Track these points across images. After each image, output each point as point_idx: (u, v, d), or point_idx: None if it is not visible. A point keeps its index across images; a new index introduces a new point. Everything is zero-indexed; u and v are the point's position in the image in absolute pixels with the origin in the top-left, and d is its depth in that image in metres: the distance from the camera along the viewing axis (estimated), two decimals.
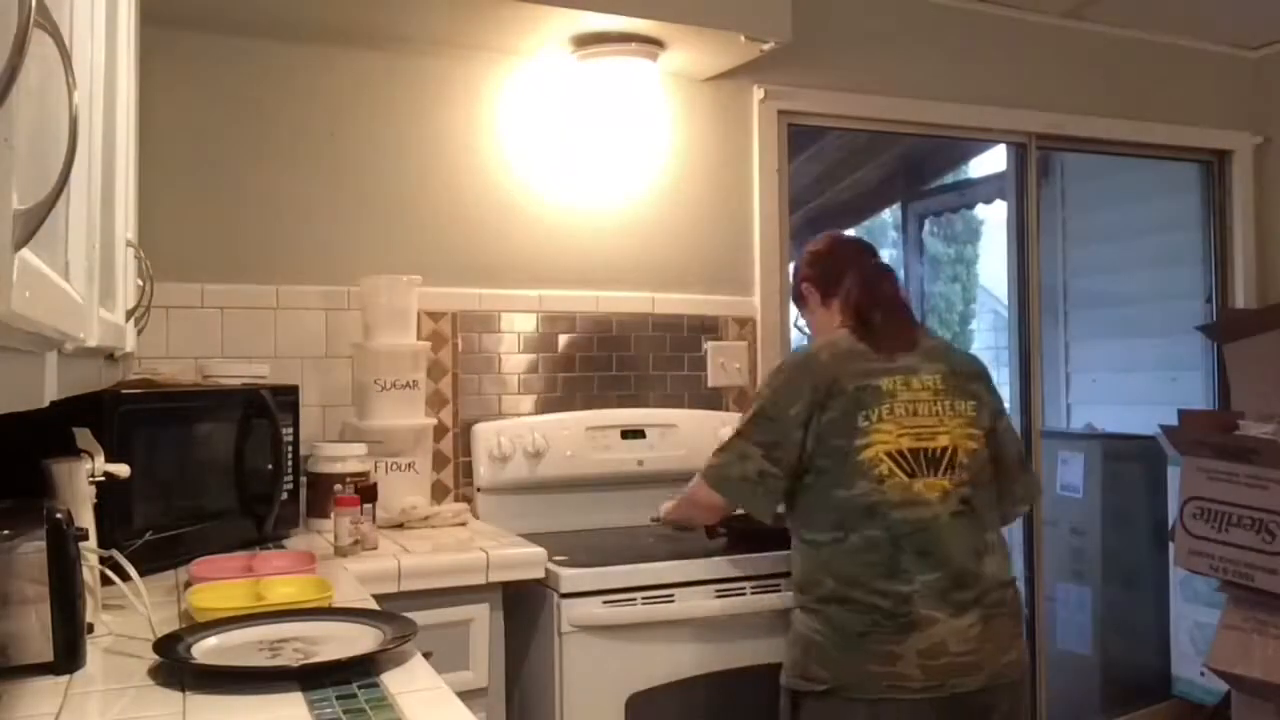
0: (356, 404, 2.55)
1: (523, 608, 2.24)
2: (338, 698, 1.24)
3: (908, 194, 5.46)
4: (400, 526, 2.44)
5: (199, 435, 2.09)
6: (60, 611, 1.30)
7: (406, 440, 2.55)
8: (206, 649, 1.40)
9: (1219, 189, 3.89)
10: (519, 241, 2.81)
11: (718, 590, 2.24)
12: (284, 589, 1.68)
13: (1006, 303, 3.88)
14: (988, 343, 6.92)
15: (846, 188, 5.07)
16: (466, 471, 2.70)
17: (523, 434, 2.66)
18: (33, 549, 1.29)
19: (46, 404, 0.72)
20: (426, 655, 1.45)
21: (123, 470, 1.63)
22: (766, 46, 2.70)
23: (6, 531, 1.29)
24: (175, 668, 1.33)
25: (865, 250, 2.28)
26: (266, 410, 2.16)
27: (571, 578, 2.13)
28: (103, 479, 1.58)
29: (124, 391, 1.88)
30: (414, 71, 2.71)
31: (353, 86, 2.65)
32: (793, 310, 2.42)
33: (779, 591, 2.26)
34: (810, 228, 5.44)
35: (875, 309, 2.10)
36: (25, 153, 0.51)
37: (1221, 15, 3.55)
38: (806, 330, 2.33)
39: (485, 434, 2.66)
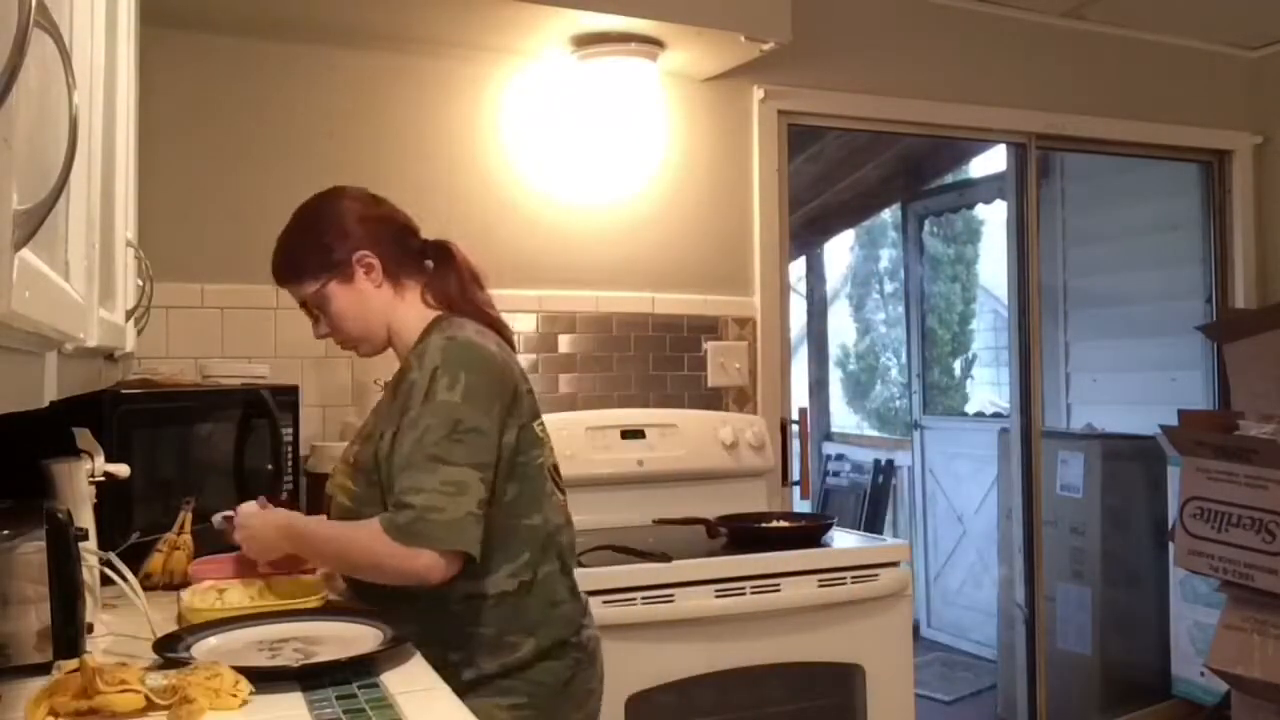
0: (356, 404, 2.55)
1: None
2: (338, 698, 1.24)
3: (908, 194, 5.47)
4: None
5: (199, 435, 2.09)
6: (60, 611, 1.29)
7: None
8: (206, 649, 1.40)
9: (1219, 189, 3.89)
10: (519, 241, 2.81)
11: (718, 590, 2.24)
12: (283, 589, 1.68)
13: (1006, 303, 3.88)
14: (988, 342, 6.93)
15: (846, 188, 5.07)
16: None
17: None
18: (33, 549, 1.29)
19: (46, 404, 0.72)
20: None
21: (123, 470, 1.63)
22: (766, 46, 2.70)
23: (6, 531, 1.29)
24: (175, 668, 1.33)
25: (398, 211, 1.78)
26: (266, 410, 2.16)
27: None
28: (103, 479, 1.58)
29: (124, 391, 1.88)
30: (414, 71, 2.71)
31: (353, 86, 2.65)
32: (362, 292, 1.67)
33: (779, 591, 2.26)
34: (810, 228, 5.45)
35: (479, 290, 1.72)
36: (25, 153, 0.51)
37: (1221, 15, 3.55)
38: (322, 312, 1.68)
39: None
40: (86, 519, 1.51)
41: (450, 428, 1.48)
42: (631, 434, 2.78)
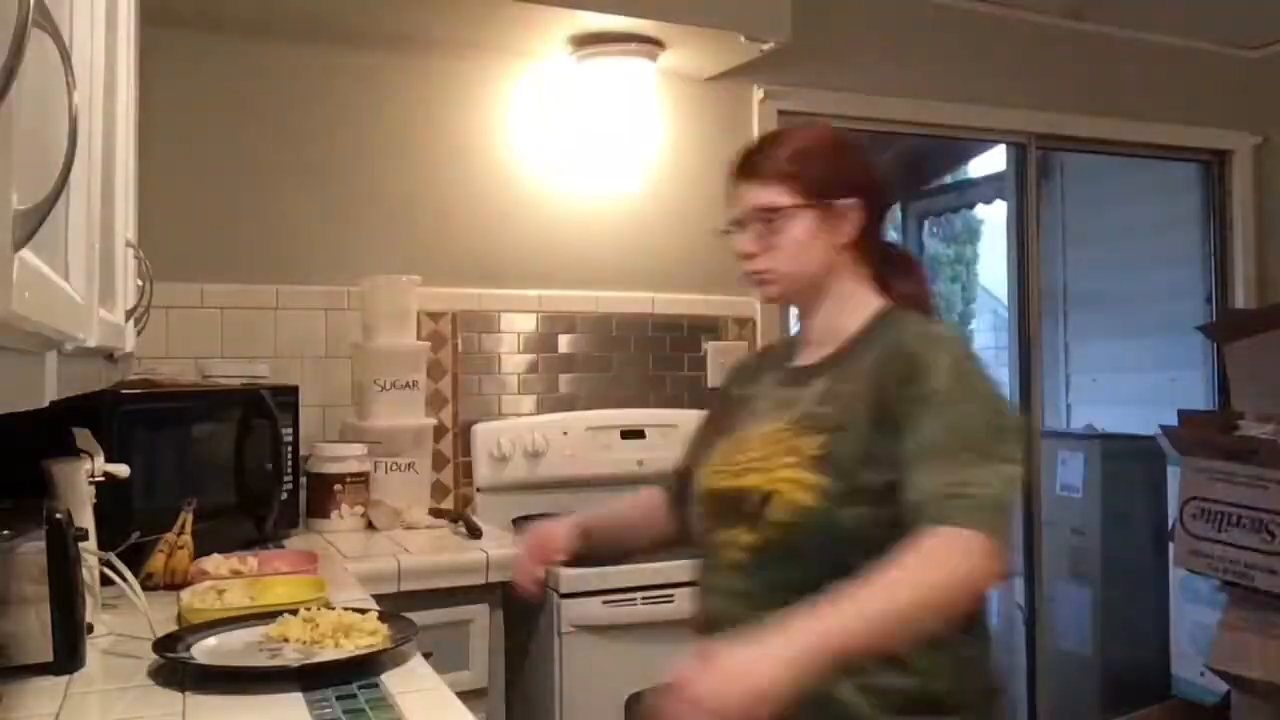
0: (356, 404, 2.55)
1: (523, 608, 2.24)
2: (338, 698, 1.24)
3: (908, 194, 5.46)
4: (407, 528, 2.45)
5: (199, 435, 2.09)
6: (60, 611, 1.30)
7: (406, 440, 2.55)
8: (206, 649, 1.40)
9: (1219, 189, 3.89)
10: (519, 241, 2.81)
11: None
12: (282, 589, 1.68)
13: (1006, 303, 3.88)
14: (988, 343, 6.92)
15: None
16: (466, 471, 2.69)
17: (523, 434, 2.66)
18: (33, 549, 1.29)
19: (46, 404, 0.72)
20: (426, 655, 1.45)
21: (123, 470, 1.63)
22: (766, 46, 2.70)
23: (6, 531, 1.30)
24: (175, 668, 1.33)
25: None
26: (266, 410, 2.16)
27: (571, 578, 2.13)
28: (103, 479, 1.58)
29: (124, 391, 1.88)
30: (414, 72, 2.71)
31: (353, 86, 2.65)
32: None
33: None
34: None
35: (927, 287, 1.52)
36: (25, 153, 0.51)
37: (1221, 15, 3.55)
38: (772, 228, 1.36)
39: (485, 434, 2.66)
40: (86, 519, 1.51)
41: (992, 418, 1.25)
42: (631, 434, 2.78)
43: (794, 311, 1.54)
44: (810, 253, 1.36)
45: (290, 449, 2.28)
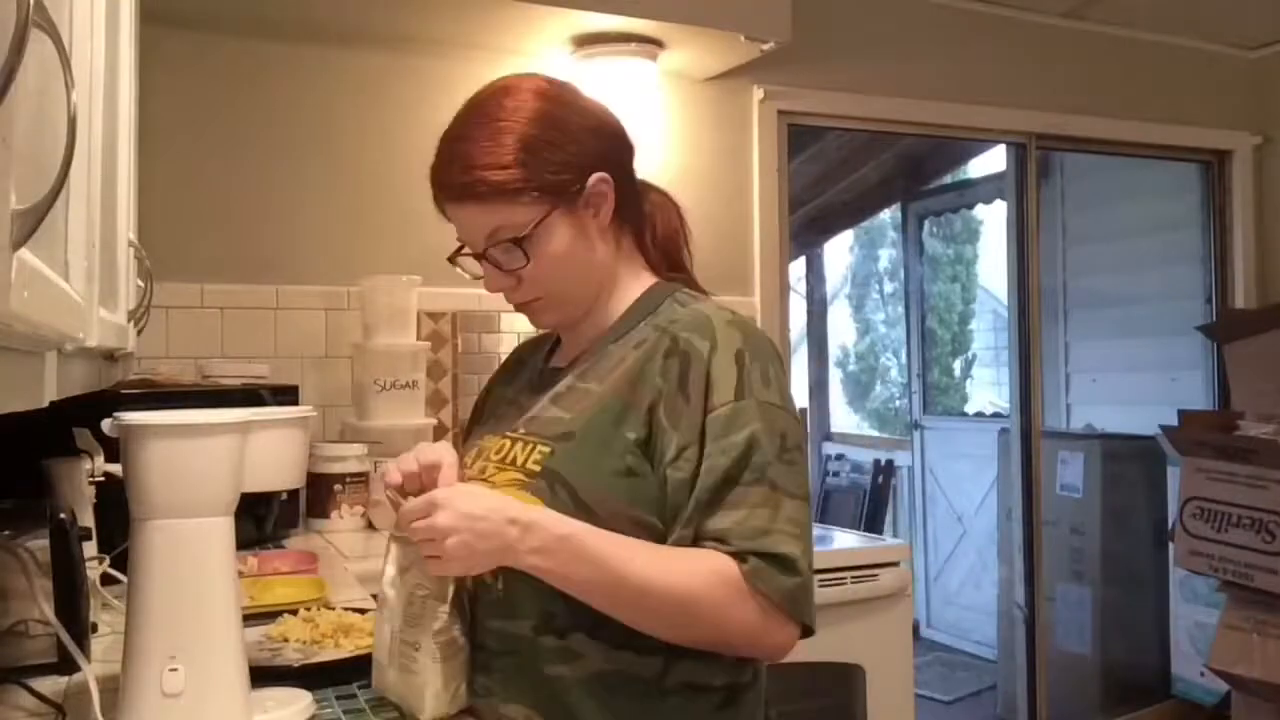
0: (356, 404, 2.55)
1: None
2: (338, 698, 1.23)
3: (908, 194, 5.47)
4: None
5: None
6: (64, 611, 1.30)
7: (406, 440, 2.55)
8: None
9: (1219, 189, 3.89)
10: None
11: None
12: (282, 589, 1.68)
13: (1006, 303, 3.88)
14: (988, 343, 6.93)
15: (846, 188, 5.07)
16: None
17: None
18: (36, 549, 1.29)
19: (46, 404, 0.72)
20: None
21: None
22: (766, 46, 2.70)
23: (9, 531, 1.30)
24: None
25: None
26: None
27: None
28: (103, 479, 1.58)
29: (124, 391, 1.87)
30: (414, 71, 2.71)
31: (353, 86, 2.65)
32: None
33: None
34: (810, 228, 5.46)
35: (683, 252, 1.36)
36: (24, 153, 0.51)
37: (1221, 15, 3.55)
38: (528, 253, 1.11)
39: None
40: (86, 519, 1.52)
41: (779, 444, 1.05)
42: None
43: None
44: (577, 261, 1.13)
45: None
